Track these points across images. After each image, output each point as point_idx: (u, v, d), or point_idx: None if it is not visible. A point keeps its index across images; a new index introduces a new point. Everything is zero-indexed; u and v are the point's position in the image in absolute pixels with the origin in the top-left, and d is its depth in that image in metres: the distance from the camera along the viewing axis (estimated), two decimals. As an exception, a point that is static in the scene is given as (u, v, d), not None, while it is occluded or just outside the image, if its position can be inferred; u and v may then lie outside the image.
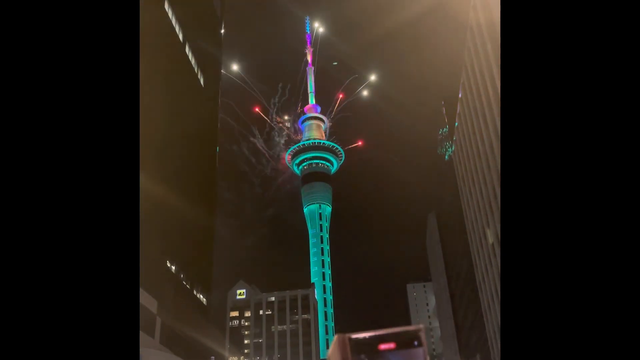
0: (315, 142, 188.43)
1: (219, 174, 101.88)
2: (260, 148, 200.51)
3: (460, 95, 69.11)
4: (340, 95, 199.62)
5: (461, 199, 77.42)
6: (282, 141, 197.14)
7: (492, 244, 60.39)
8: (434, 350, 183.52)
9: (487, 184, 58.65)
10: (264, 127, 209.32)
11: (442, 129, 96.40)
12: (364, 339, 2.83)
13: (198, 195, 78.14)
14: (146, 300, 47.52)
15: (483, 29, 52.34)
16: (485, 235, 63.74)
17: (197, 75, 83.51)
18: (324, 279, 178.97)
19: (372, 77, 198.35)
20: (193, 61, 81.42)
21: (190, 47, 79.26)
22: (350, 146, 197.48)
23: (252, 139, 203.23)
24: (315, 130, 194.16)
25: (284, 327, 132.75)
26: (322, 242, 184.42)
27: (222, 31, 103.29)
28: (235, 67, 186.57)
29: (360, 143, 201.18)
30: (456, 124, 75.23)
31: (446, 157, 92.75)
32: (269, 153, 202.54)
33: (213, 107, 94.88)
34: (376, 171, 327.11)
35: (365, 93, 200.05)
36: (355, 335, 2.87)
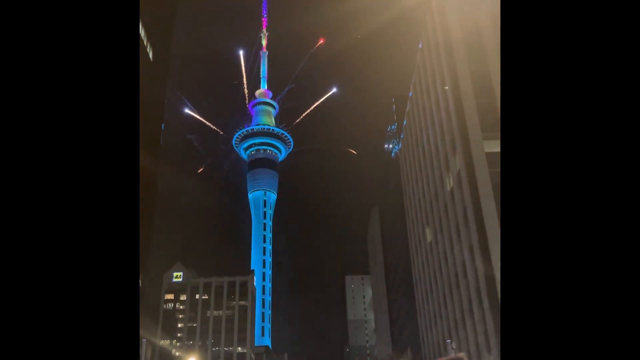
0: (264, 128, 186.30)
1: (162, 153, 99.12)
2: (196, 145, 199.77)
3: (410, 94, 70.01)
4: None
5: (404, 196, 78.80)
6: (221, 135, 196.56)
7: (430, 242, 61.82)
8: (367, 341, 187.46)
9: (429, 183, 59.82)
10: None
11: (391, 126, 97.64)
12: None
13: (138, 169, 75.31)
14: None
15: (437, 33, 53.03)
16: (424, 233, 65.17)
17: (146, 48, 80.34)
18: (264, 266, 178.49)
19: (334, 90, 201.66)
20: (142, 33, 78.22)
21: (141, 19, 76.08)
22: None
23: (189, 136, 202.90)
24: (266, 115, 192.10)
25: (220, 312, 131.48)
26: (264, 229, 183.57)
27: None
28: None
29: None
30: (404, 122, 76.27)
31: (392, 154, 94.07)
32: (202, 151, 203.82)
33: (161, 84, 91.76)
34: (323, 162, 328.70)
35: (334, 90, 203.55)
36: None
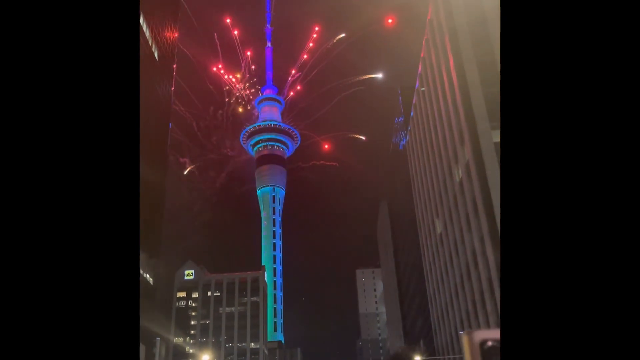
0: (271, 124, 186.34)
1: (170, 150, 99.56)
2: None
3: (417, 86, 69.73)
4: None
5: (412, 188, 78.63)
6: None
7: (440, 234, 61.71)
8: (379, 334, 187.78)
9: (438, 174, 59.65)
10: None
11: (398, 118, 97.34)
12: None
13: (147, 170, 75.68)
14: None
15: (442, 23, 52.69)
16: (434, 225, 65.05)
17: (151, 48, 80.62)
18: (274, 262, 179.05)
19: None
20: (148, 34, 78.49)
21: (145, 19, 76.29)
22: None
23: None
24: (272, 111, 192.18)
25: (232, 309, 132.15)
26: (274, 225, 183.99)
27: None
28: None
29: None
30: (411, 114, 76.01)
31: (400, 146, 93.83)
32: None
33: (167, 83, 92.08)
34: (332, 157, 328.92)
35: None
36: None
